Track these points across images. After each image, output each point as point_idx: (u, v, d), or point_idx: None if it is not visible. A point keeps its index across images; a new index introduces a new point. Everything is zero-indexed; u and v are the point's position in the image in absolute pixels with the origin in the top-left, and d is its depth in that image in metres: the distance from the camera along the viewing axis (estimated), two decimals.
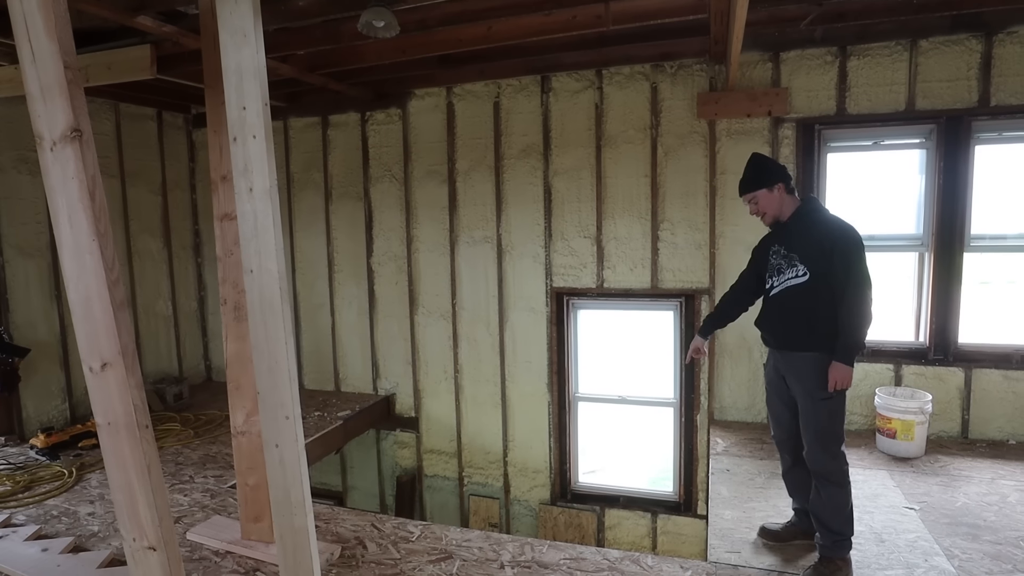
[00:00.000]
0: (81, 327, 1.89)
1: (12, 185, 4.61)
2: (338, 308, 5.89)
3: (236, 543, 3.07)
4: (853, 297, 2.77)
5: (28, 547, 3.06)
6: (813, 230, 2.91)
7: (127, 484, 1.97)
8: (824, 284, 2.83)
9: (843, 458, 2.85)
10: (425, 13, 3.58)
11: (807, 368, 2.87)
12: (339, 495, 6.17)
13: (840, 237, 2.84)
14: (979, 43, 4.02)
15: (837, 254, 2.81)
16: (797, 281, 2.91)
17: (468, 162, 5.25)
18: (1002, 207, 4.32)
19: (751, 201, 3.09)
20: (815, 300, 2.86)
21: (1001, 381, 4.19)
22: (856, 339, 2.78)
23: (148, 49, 3.77)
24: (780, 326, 3.01)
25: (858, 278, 2.79)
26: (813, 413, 2.87)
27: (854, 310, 2.78)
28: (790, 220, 3.03)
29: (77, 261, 1.84)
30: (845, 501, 2.83)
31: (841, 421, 2.88)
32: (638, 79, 4.70)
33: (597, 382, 5.43)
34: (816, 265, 2.86)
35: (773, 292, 3.03)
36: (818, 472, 2.87)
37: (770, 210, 3.05)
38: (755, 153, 3.20)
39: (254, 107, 2.05)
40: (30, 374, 4.66)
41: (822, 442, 2.84)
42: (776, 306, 3.03)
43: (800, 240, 2.94)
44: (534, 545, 3.11)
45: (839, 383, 2.78)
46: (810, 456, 2.90)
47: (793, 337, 2.94)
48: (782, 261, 3.00)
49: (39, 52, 1.74)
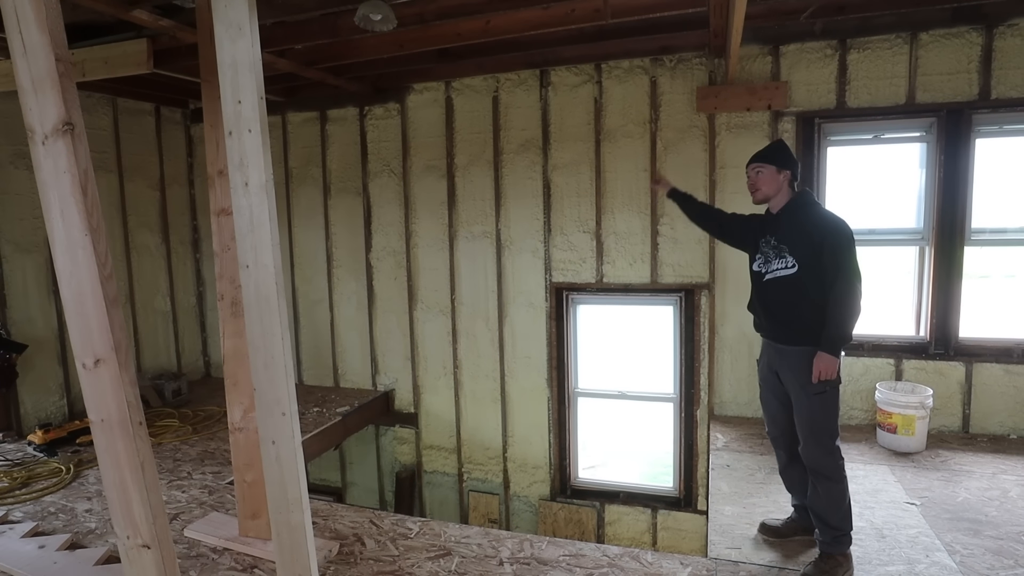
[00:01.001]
0: (74, 323, 1.87)
1: (8, 180, 4.59)
2: (337, 303, 5.87)
3: (234, 540, 3.06)
4: (842, 289, 2.77)
5: (25, 544, 3.05)
6: (804, 223, 2.90)
7: (121, 482, 1.95)
8: (813, 276, 2.83)
9: (838, 453, 2.83)
10: (423, 7, 3.56)
11: (800, 362, 2.86)
12: (338, 491, 6.16)
13: (831, 230, 2.82)
14: (979, 36, 4.00)
15: (827, 247, 2.80)
16: (785, 272, 2.91)
17: (467, 157, 5.23)
18: (1003, 200, 4.31)
19: (755, 171, 3.05)
20: (803, 292, 2.86)
21: (1002, 375, 4.18)
22: (842, 331, 2.78)
23: (145, 43, 3.75)
24: (770, 317, 3.01)
25: (847, 271, 2.78)
26: (807, 407, 2.86)
27: (842, 301, 2.77)
28: (782, 212, 3.01)
29: (69, 256, 1.82)
30: (842, 496, 2.82)
31: (834, 415, 2.86)
32: (637, 73, 4.68)
33: (597, 377, 5.41)
34: (805, 258, 2.85)
35: (766, 278, 3.02)
36: (813, 468, 2.85)
37: (765, 187, 3.02)
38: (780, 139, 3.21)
39: (250, 101, 2.03)
40: (28, 370, 4.65)
41: (816, 436, 2.83)
42: (766, 294, 3.02)
43: (791, 232, 2.92)
44: (533, 541, 3.10)
45: (823, 373, 2.77)
46: (805, 451, 2.89)
47: (784, 330, 2.94)
48: (771, 251, 2.99)
49: (30, 45, 1.72)
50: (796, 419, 2.94)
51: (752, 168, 3.06)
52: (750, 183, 3.08)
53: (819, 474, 2.84)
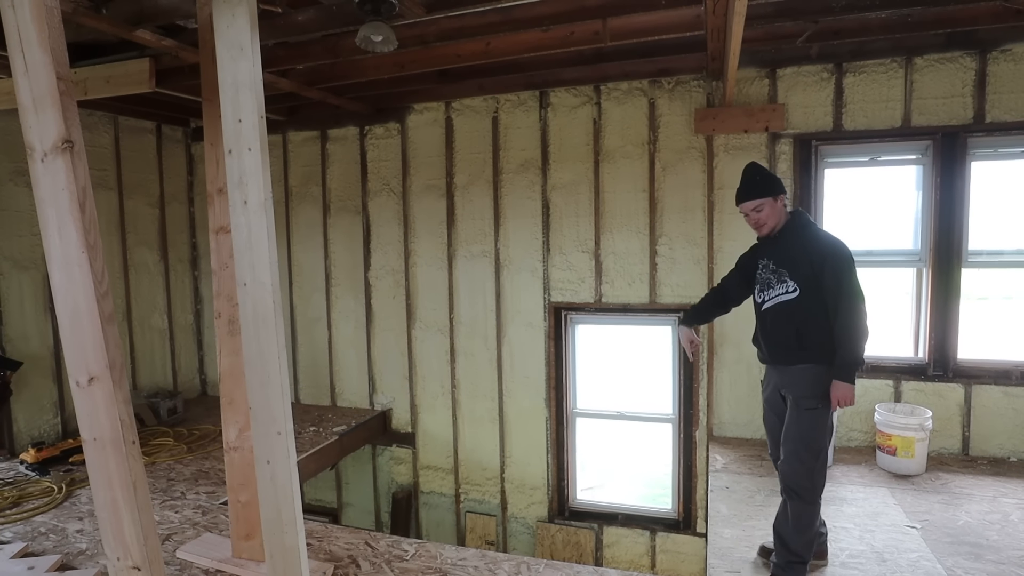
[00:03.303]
0: (69, 340, 1.86)
1: (8, 197, 4.60)
2: (335, 322, 5.86)
3: (227, 562, 3.02)
4: (847, 313, 2.74)
5: (14, 565, 3.00)
6: (803, 245, 2.88)
7: (112, 501, 1.93)
8: (815, 299, 2.81)
9: (819, 476, 2.79)
10: (423, 28, 3.59)
11: (800, 378, 2.85)
12: (334, 512, 6.10)
13: (830, 252, 2.81)
14: (973, 61, 4.04)
15: (828, 270, 2.78)
16: (788, 297, 2.88)
17: (466, 176, 5.25)
18: (999, 223, 4.33)
19: (756, 209, 2.98)
20: (806, 315, 2.83)
21: (1001, 397, 4.16)
22: (854, 355, 2.75)
23: (147, 63, 3.78)
24: (773, 343, 2.97)
25: (850, 293, 2.75)
26: (796, 420, 2.84)
27: (850, 325, 2.74)
28: (780, 234, 2.99)
29: (66, 273, 1.81)
30: (810, 522, 2.76)
31: (822, 434, 2.82)
32: (636, 95, 4.72)
33: (595, 397, 5.39)
34: (806, 281, 2.83)
35: (764, 307, 2.99)
36: (788, 485, 2.82)
37: (771, 220, 2.98)
38: (754, 163, 3.11)
39: (250, 120, 2.04)
40: (22, 388, 4.61)
41: (799, 452, 2.80)
42: (768, 322, 2.98)
43: (790, 255, 2.90)
44: (531, 564, 3.06)
45: (841, 401, 2.74)
46: (784, 466, 2.85)
47: (787, 352, 2.91)
48: (771, 276, 2.96)
49: (32, 63, 1.73)
50: (783, 433, 2.90)
51: (750, 207, 2.98)
52: (753, 222, 3.02)
53: (793, 492, 2.80)
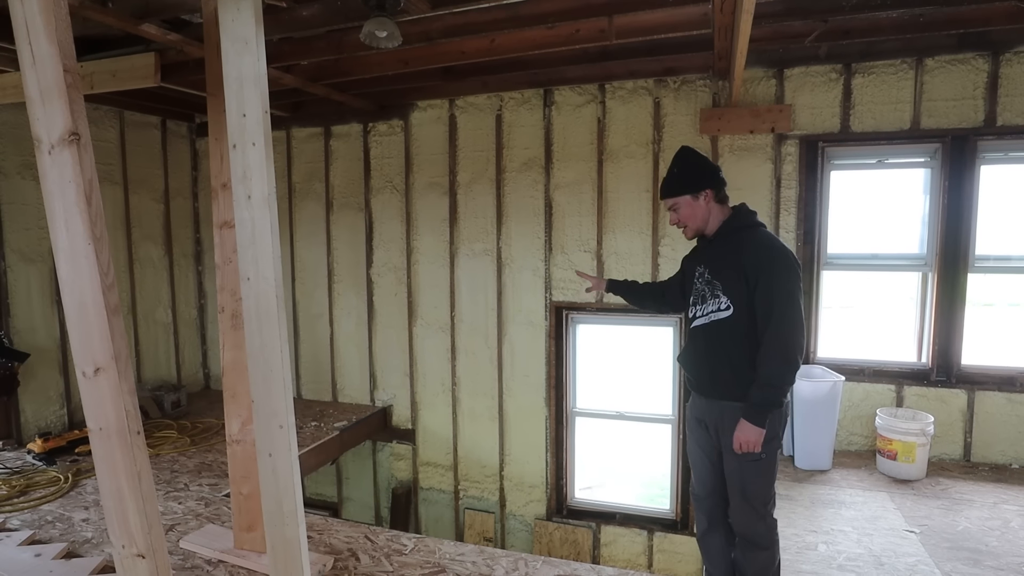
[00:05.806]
0: (75, 331, 1.88)
1: (16, 190, 4.62)
2: (337, 318, 5.88)
3: (229, 552, 3.04)
4: (774, 338, 2.37)
5: (21, 552, 3.03)
6: (740, 252, 2.52)
7: (117, 490, 1.95)
8: (750, 319, 2.47)
9: (772, 520, 2.62)
10: (428, 25, 3.59)
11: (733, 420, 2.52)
12: (334, 506, 6.13)
13: (766, 263, 2.44)
14: (986, 62, 4.01)
15: (762, 283, 2.41)
16: (719, 316, 2.54)
17: (469, 174, 5.26)
18: (1007, 228, 4.30)
19: (672, 208, 2.68)
20: (740, 339, 2.49)
21: (1004, 404, 4.15)
22: (774, 383, 2.39)
23: (152, 57, 3.79)
24: (703, 369, 2.66)
25: (782, 313, 2.37)
26: (739, 472, 2.57)
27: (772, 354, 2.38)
28: (716, 236, 2.66)
29: (72, 265, 1.83)
30: (770, 563, 2.64)
31: (772, 481, 2.59)
32: (641, 94, 4.71)
33: (595, 397, 5.39)
34: (741, 297, 2.48)
35: (695, 324, 2.66)
36: (743, 534, 2.66)
37: (692, 222, 2.66)
38: (684, 147, 2.77)
39: (254, 114, 2.05)
40: (29, 379, 4.65)
41: (751, 503, 2.58)
42: (699, 342, 2.67)
43: (724, 264, 2.56)
44: (528, 561, 3.07)
45: (744, 445, 2.44)
46: (735, 516, 2.64)
47: (717, 383, 2.61)
48: (705, 288, 2.63)
49: (39, 55, 1.74)
50: (727, 480, 2.64)
51: (667, 205, 2.70)
52: (673, 223, 2.74)
53: (749, 541, 2.64)
